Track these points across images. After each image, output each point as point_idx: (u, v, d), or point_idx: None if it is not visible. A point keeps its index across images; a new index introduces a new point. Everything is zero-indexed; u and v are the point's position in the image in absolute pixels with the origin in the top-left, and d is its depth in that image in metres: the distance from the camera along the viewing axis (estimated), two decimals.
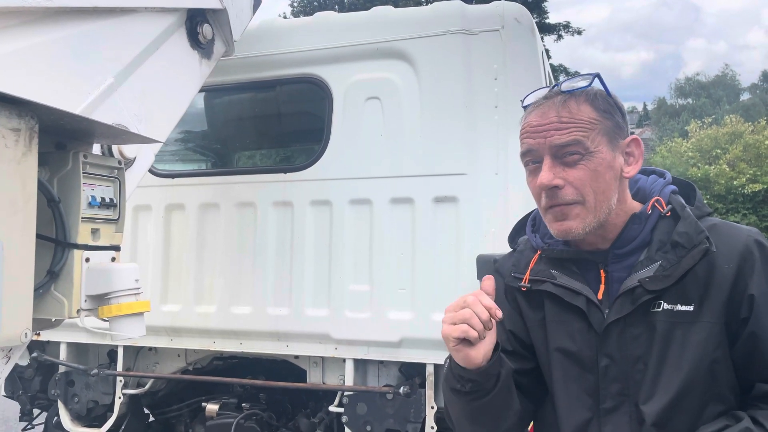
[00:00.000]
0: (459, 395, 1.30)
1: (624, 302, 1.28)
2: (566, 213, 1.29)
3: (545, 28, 20.48)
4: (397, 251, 2.86)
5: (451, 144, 2.83)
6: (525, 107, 1.37)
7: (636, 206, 1.36)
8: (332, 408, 2.94)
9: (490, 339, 1.24)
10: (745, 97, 56.88)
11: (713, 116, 35.03)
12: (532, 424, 1.49)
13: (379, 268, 2.88)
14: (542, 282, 1.38)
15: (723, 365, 1.24)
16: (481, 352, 1.22)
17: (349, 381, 2.89)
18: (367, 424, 2.83)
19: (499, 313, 1.20)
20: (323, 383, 3.04)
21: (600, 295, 1.32)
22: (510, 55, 2.80)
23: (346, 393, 2.90)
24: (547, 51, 4.06)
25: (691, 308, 1.24)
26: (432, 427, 2.75)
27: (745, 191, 20.19)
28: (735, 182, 20.44)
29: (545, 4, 20.70)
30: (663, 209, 1.32)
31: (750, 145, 22.84)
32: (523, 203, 2.65)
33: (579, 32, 22.09)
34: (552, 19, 21.55)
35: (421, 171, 2.86)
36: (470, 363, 1.23)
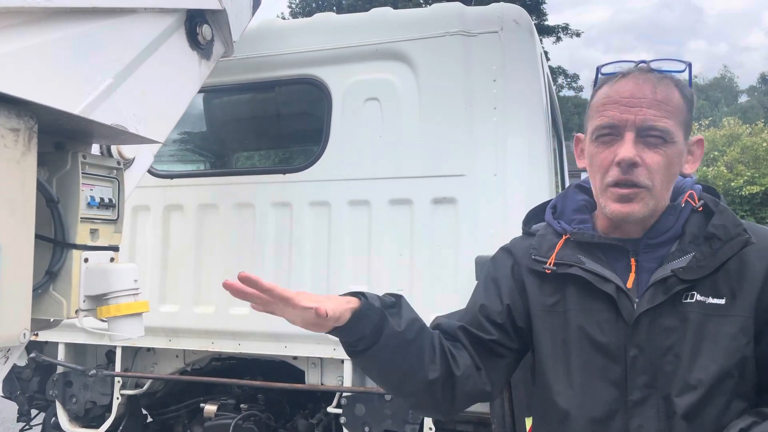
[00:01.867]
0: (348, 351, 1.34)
1: (656, 292, 1.25)
2: (632, 197, 1.26)
3: (544, 30, 20.54)
4: (395, 252, 2.86)
5: (449, 145, 2.83)
6: (606, 74, 1.32)
7: (668, 200, 1.35)
8: (330, 409, 2.94)
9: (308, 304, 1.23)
10: (743, 99, 57.03)
11: (710, 118, 35.13)
12: (531, 424, 1.48)
13: (378, 269, 2.88)
14: (569, 266, 1.34)
15: (750, 361, 1.23)
16: (300, 316, 1.25)
17: (348, 382, 2.89)
18: (366, 425, 2.83)
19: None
20: (321, 384, 3.04)
21: (629, 284, 1.29)
22: (509, 56, 2.80)
23: (344, 394, 2.89)
24: (546, 53, 4.06)
25: (722, 302, 1.23)
26: (430, 428, 2.75)
27: (743, 193, 20.26)
28: (733, 184, 20.51)
29: (544, 6, 20.75)
30: (695, 203, 1.32)
31: (748, 147, 22.91)
32: (522, 204, 2.65)
33: (578, 34, 22.20)
34: (552, 20, 21.64)
35: (419, 172, 2.86)
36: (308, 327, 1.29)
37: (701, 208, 1.32)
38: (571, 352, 1.34)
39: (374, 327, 1.26)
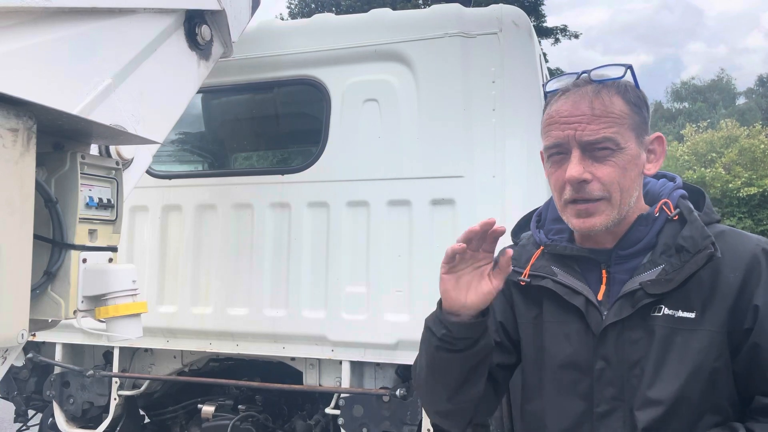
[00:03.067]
0: (431, 337, 1.32)
1: (624, 305, 1.25)
2: (591, 211, 1.26)
3: (542, 32, 20.52)
4: (394, 253, 2.86)
5: (448, 146, 2.83)
6: (549, 92, 1.32)
7: (644, 208, 1.33)
8: (328, 410, 2.94)
9: (477, 294, 1.26)
10: (741, 101, 57.13)
11: (708, 120, 35.21)
12: None
13: (376, 269, 2.88)
14: (542, 278, 1.35)
15: (723, 375, 1.21)
16: (463, 295, 1.26)
17: (346, 383, 2.89)
18: (364, 426, 2.83)
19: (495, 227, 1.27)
20: (320, 385, 3.04)
21: (600, 296, 1.29)
22: (508, 58, 2.81)
23: (342, 395, 2.90)
24: (544, 54, 4.07)
25: (692, 315, 1.21)
26: (428, 430, 2.75)
27: (741, 195, 20.29)
28: (730, 185, 20.54)
29: (542, 7, 20.75)
30: (670, 212, 1.29)
31: (745, 149, 22.95)
32: (521, 206, 2.66)
33: (576, 36, 22.15)
34: (551, 22, 21.63)
35: (418, 173, 2.86)
36: (452, 303, 1.28)
37: (676, 217, 1.29)
38: (544, 364, 1.36)
39: (482, 333, 1.30)
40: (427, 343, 1.34)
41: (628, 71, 1.28)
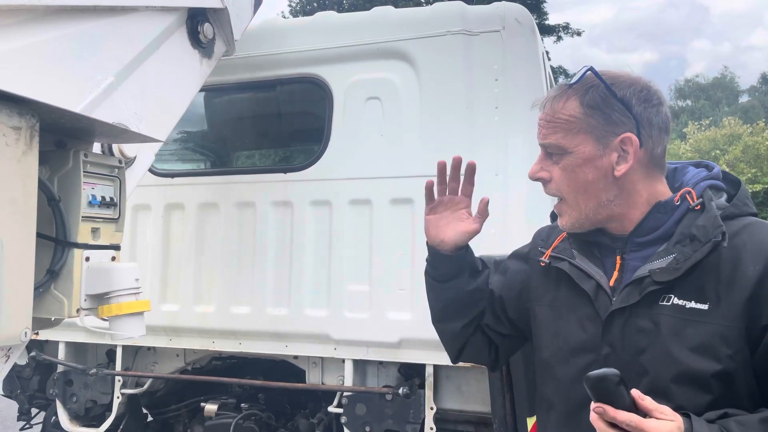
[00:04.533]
0: (426, 269, 1.62)
1: (632, 291, 1.24)
2: (559, 210, 1.37)
3: (545, 30, 20.48)
4: (396, 251, 2.86)
5: (451, 144, 2.82)
6: None
7: (664, 195, 1.30)
8: (331, 408, 2.94)
9: (455, 232, 1.53)
10: (744, 99, 56.99)
11: (711, 118, 35.15)
12: (532, 424, 1.50)
13: (379, 268, 2.87)
14: (561, 260, 1.38)
15: (741, 372, 1.17)
16: (442, 232, 1.55)
17: (348, 381, 2.89)
18: (366, 424, 2.83)
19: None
20: (322, 383, 3.04)
21: (612, 282, 1.30)
22: (510, 55, 2.80)
23: (345, 393, 2.90)
24: (547, 52, 4.06)
25: (705, 307, 1.18)
26: (431, 428, 2.75)
27: None
28: None
29: (544, 5, 20.71)
30: (692, 202, 1.26)
31: (749, 146, 22.94)
32: (523, 203, 2.65)
33: (579, 33, 22.08)
34: (555, 19, 21.58)
35: (420, 171, 2.85)
36: (432, 239, 1.58)
37: (699, 207, 1.25)
38: (555, 347, 1.38)
39: (459, 270, 1.55)
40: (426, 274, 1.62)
41: (588, 72, 1.28)
